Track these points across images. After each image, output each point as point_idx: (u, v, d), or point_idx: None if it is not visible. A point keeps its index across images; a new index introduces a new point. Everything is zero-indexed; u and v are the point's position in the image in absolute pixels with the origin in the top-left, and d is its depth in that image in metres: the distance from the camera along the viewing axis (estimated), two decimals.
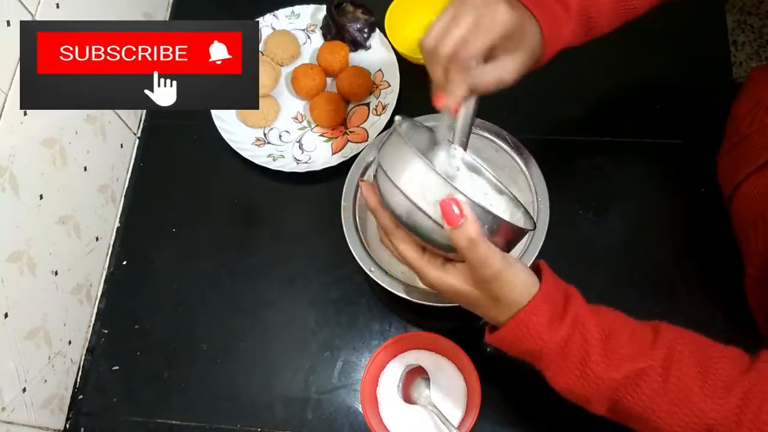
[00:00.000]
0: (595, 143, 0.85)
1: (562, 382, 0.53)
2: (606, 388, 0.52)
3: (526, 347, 0.54)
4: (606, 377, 0.51)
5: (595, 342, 0.52)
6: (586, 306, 0.54)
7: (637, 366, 0.51)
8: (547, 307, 0.53)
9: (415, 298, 0.69)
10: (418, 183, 0.53)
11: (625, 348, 0.52)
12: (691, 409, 0.50)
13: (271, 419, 0.75)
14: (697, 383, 0.50)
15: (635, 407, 0.51)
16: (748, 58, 1.70)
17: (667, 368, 0.51)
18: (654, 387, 0.51)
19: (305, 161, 0.86)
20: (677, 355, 0.51)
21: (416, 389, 0.70)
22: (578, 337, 0.52)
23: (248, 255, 0.84)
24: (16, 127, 0.67)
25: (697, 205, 0.80)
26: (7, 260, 0.67)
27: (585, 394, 0.53)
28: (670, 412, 0.50)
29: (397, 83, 0.87)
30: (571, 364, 0.52)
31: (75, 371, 0.80)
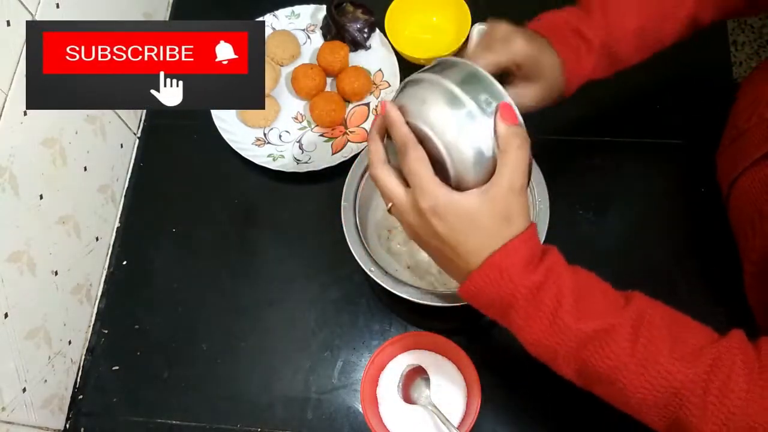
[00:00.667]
0: (595, 143, 0.85)
1: (531, 333, 0.53)
2: (575, 341, 0.51)
3: (497, 292, 0.52)
4: (575, 328, 0.51)
5: (568, 293, 0.51)
6: (564, 261, 0.54)
7: (607, 322, 0.50)
8: (525, 252, 0.52)
9: (416, 297, 0.69)
10: (464, 87, 0.52)
11: (597, 304, 0.52)
12: (659, 371, 0.49)
13: (271, 419, 0.75)
14: (666, 346, 0.50)
15: (602, 366, 0.51)
16: (748, 58, 1.70)
17: (636, 328, 0.50)
18: (623, 345, 0.50)
19: (305, 161, 0.86)
20: (648, 318, 0.51)
21: (416, 389, 0.70)
22: (552, 286, 0.51)
23: (248, 255, 0.84)
24: (16, 127, 0.67)
25: (697, 205, 0.80)
26: (7, 260, 0.67)
27: (553, 346, 0.52)
28: (636, 373, 0.50)
29: (397, 83, 0.87)
30: (542, 312, 0.51)
31: (75, 371, 0.80)
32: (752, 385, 0.48)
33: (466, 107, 0.51)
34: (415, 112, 0.53)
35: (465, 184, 0.53)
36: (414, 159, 0.52)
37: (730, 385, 0.48)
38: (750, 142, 0.69)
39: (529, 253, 0.52)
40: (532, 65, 0.61)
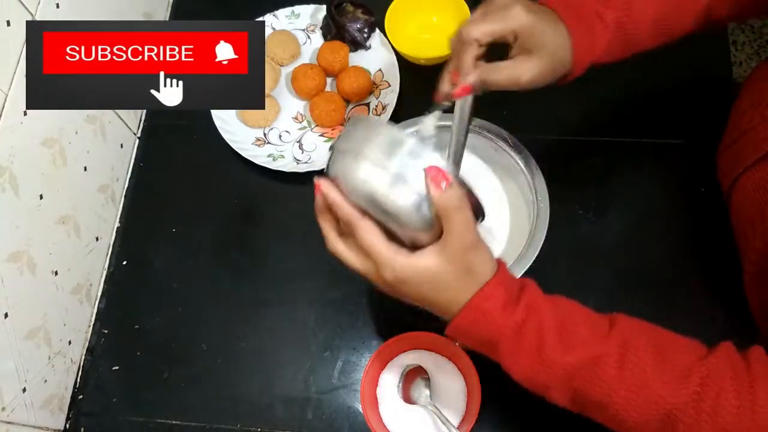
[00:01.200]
0: (595, 143, 0.85)
1: (520, 370, 0.53)
2: (563, 374, 0.51)
3: (481, 334, 0.53)
4: (562, 362, 0.51)
5: (551, 328, 0.51)
6: (542, 294, 0.54)
7: (592, 352, 0.51)
8: (502, 292, 0.52)
9: None
10: (390, 153, 0.51)
11: (580, 334, 0.52)
12: (649, 395, 0.50)
13: (271, 419, 0.75)
14: (654, 370, 0.50)
15: (593, 394, 0.51)
16: (748, 58, 1.70)
17: (623, 354, 0.50)
18: (610, 373, 0.50)
19: (305, 161, 0.86)
20: (633, 342, 0.51)
21: (416, 389, 0.70)
22: (533, 322, 0.52)
23: (248, 255, 0.84)
24: (16, 127, 0.67)
25: (697, 205, 0.80)
26: (7, 260, 0.67)
27: (543, 380, 0.53)
28: (627, 398, 0.50)
29: (397, 83, 0.87)
30: (527, 350, 0.52)
31: (75, 371, 0.80)
32: (743, 400, 0.48)
33: (396, 175, 0.50)
34: (350, 187, 0.53)
35: (420, 241, 0.53)
36: (363, 235, 0.52)
37: (720, 402, 0.48)
38: (751, 142, 0.69)
39: (506, 293, 0.52)
40: (530, 36, 0.58)
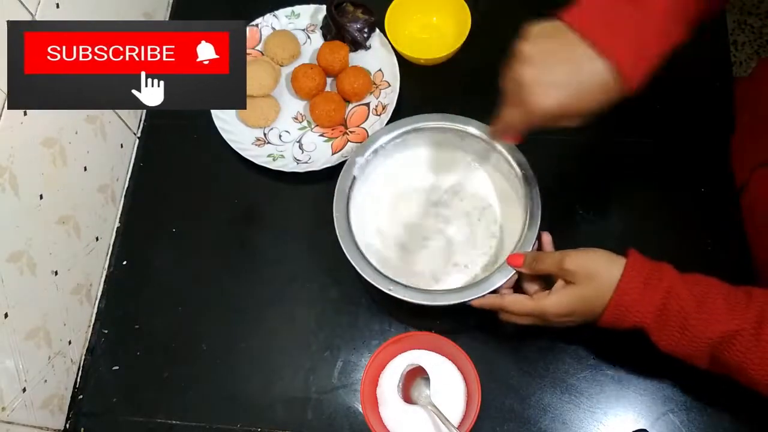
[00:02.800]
0: (595, 143, 0.85)
1: (666, 345, 0.61)
2: (705, 346, 0.58)
3: (627, 324, 0.61)
4: (704, 337, 0.58)
5: (690, 307, 0.58)
6: (679, 276, 0.60)
7: (731, 326, 0.57)
8: (637, 284, 0.59)
9: (411, 298, 0.70)
10: None
11: (719, 310, 0.58)
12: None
13: (271, 419, 0.75)
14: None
15: (731, 361, 0.57)
16: (748, 58, 1.70)
17: (758, 327, 0.56)
18: (747, 345, 0.56)
19: (305, 161, 0.86)
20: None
21: (416, 389, 0.70)
22: (674, 305, 0.58)
23: (248, 255, 0.84)
24: (16, 127, 0.67)
25: (697, 205, 0.80)
26: (7, 260, 0.67)
27: (687, 352, 0.60)
28: (762, 365, 0.56)
29: (397, 83, 0.87)
30: (671, 329, 0.59)
31: (75, 371, 0.80)
32: None
33: None
34: None
35: None
36: (513, 308, 0.66)
37: None
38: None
39: (642, 283, 0.60)
40: (564, 113, 0.59)
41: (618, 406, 0.72)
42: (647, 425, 0.71)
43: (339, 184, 0.77)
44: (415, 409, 0.70)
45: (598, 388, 0.73)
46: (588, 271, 0.62)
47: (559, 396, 0.73)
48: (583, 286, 0.62)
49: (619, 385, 0.73)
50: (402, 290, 0.70)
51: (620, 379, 0.73)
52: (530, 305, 0.65)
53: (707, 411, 0.71)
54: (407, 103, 0.87)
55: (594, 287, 0.61)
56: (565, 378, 0.73)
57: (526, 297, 0.66)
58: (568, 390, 0.73)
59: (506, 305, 0.67)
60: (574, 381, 0.73)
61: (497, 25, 0.92)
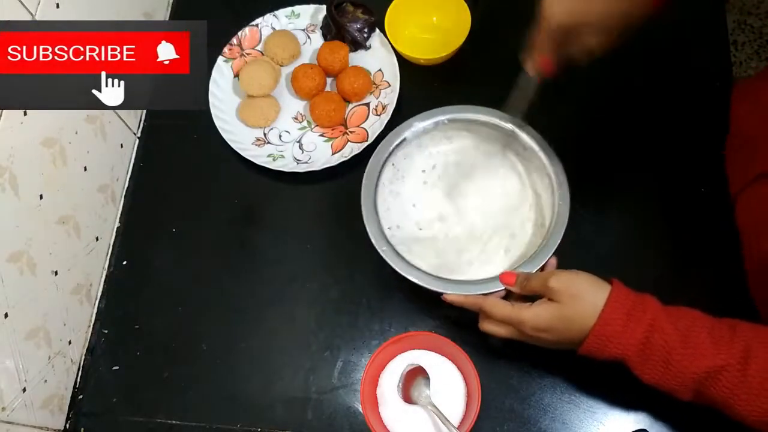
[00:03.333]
0: (594, 143, 0.85)
1: (648, 378, 0.60)
2: (689, 381, 0.57)
3: (608, 355, 0.60)
4: (688, 372, 0.57)
5: (674, 342, 0.57)
6: (662, 309, 0.59)
7: (716, 361, 0.56)
8: (620, 315, 0.59)
9: (426, 283, 0.69)
10: None
11: (703, 345, 0.56)
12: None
13: (271, 419, 0.75)
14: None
15: (717, 397, 0.56)
16: (748, 58, 1.70)
17: (744, 362, 0.55)
18: (733, 381, 0.55)
19: (305, 161, 0.86)
20: (754, 351, 0.55)
21: (416, 389, 0.70)
22: (657, 339, 0.58)
23: (248, 255, 0.84)
24: (16, 127, 0.67)
25: (697, 205, 0.80)
26: (7, 260, 0.67)
27: (671, 386, 0.59)
28: (749, 401, 0.55)
29: (397, 83, 0.87)
30: (654, 363, 0.58)
31: (75, 371, 0.80)
32: None
33: None
34: None
35: None
36: (491, 310, 0.66)
37: None
38: (760, 153, 0.69)
39: (625, 315, 0.59)
40: (577, 18, 0.61)
41: (618, 406, 0.72)
42: (647, 425, 0.71)
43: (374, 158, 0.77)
44: (415, 409, 0.70)
45: (599, 388, 0.73)
46: (572, 291, 0.61)
47: (559, 396, 0.73)
48: (564, 306, 0.61)
49: (619, 385, 0.72)
50: (405, 267, 0.70)
51: (620, 379, 0.73)
52: (508, 311, 0.64)
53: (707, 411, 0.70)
54: (407, 103, 0.87)
55: (576, 308, 0.61)
56: (565, 378, 0.73)
57: (505, 303, 0.65)
58: (568, 390, 0.73)
59: (486, 306, 0.66)
60: (574, 381, 0.73)
61: (497, 25, 0.92)
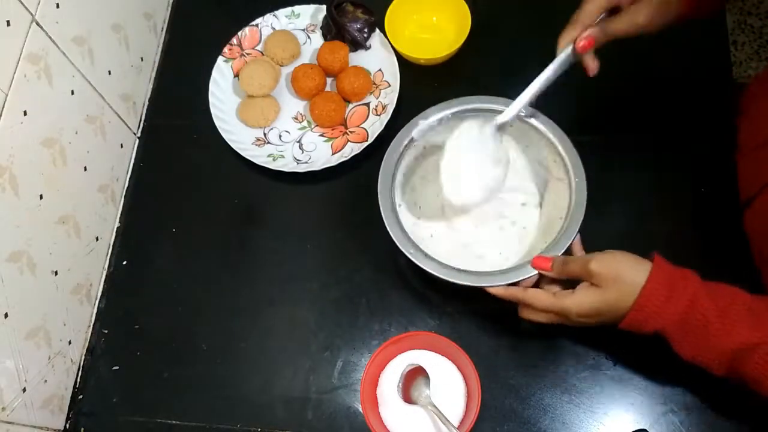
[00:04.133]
0: (594, 143, 0.85)
1: (686, 353, 0.61)
2: (724, 357, 0.58)
3: (648, 329, 0.61)
4: (724, 347, 0.58)
5: (712, 316, 0.58)
6: (703, 285, 0.60)
7: (752, 339, 0.57)
8: (661, 289, 0.59)
9: (444, 275, 0.69)
10: None
11: (741, 322, 0.57)
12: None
13: (271, 419, 0.75)
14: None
15: (749, 373, 0.57)
16: (748, 58, 1.70)
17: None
18: (766, 359, 0.56)
19: (305, 161, 0.86)
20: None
21: (416, 389, 0.70)
22: (696, 314, 0.58)
23: (248, 255, 0.84)
24: (16, 127, 0.67)
25: (697, 206, 0.80)
26: (7, 260, 0.67)
27: (705, 361, 0.60)
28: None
29: (397, 83, 0.87)
30: (691, 337, 0.59)
31: (75, 371, 0.80)
32: None
33: None
34: None
35: None
36: (533, 302, 0.66)
37: None
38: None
39: (666, 289, 0.59)
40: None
41: (618, 406, 0.72)
42: (647, 425, 0.71)
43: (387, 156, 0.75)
44: (415, 409, 0.70)
45: (598, 388, 0.73)
46: (613, 274, 0.61)
47: (559, 396, 0.73)
48: (607, 289, 0.61)
49: (619, 385, 0.73)
50: (424, 260, 0.69)
51: (620, 379, 0.73)
52: (551, 301, 0.64)
53: (707, 411, 0.71)
54: (407, 103, 0.87)
55: (618, 290, 0.61)
56: (565, 378, 0.73)
57: (547, 293, 0.66)
58: (568, 390, 0.73)
59: (528, 299, 0.66)
60: (574, 381, 0.73)
61: (497, 25, 0.92)
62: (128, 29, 0.89)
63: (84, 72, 0.79)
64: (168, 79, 0.96)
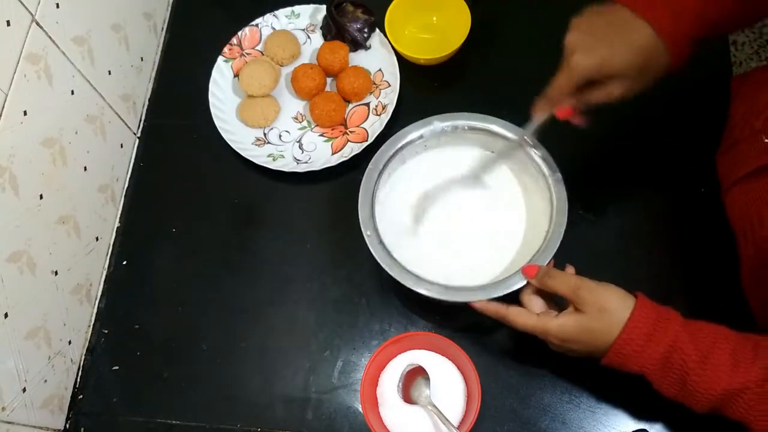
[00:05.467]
0: (594, 143, 0.85)
1: (667, 394, 0.61)
2: (705, 401, 0.58)
3: (628, 370, 0.61)
4: (706, 393, 0.57)
5: (694, 363, 0.57)
6: (685, 326, 0.59)
7: (734, 384, 0.56)
8: (641, 332, 0.59)
9: (424, 288, 0.69)
10: None
11: (723, 366, 0.56)
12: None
13: (271, 419, 0.75)
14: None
15: (734, 415, 0.57)
16: (748, 58, 1.70)
17: (763, 384, 0.55)
18: (750, 402, 0.55)
19: (305, 161, 0.86)
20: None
21: (416, 389, 0.70)
22: (676, 359, 0.58)
23: (248, 255, 0.84)
24: (16, 127, 0.67)
25: (697, 205, 0.80)
26: (7, 260, 0.67)
27: (687, 403, 0.60)
28: (766, 420, 0.55)
29: (397, 83, 0.87)
30: (672, 381, 0.59)
31: (75, 371, 0.80)
32: None
33: None
34: None
35: None
36: (515, 321, 0.66)
37: None
38: (743, 154, 0.70)
39: (646, 332, 0.59)
40: (601, 70, 0.62)
41: (618, 406, 0.72)
42: (647, 425, 0.71)
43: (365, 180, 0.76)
44: (415, 409, 0.70)
45: (598, 388, 0.73)
46: (601, 305, 0.61)
47: (559, 396, 0.73)
48: (592, 318, 0.61)
49: (619, 385, 0.73)
50: (412, 280, 0.70)
51: (620, 379, 0.73)
52: (533, 322, 0.65)
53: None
54: (407, 103, 0.87)
55: (603, 323, 0.61)
56: (565, 378, 0.73)
57: (530, 313, 0.66)
58: (568, 390, 0.73)
59: (510, 317, 0.66)
60: (574, 381, 0.73)
61: (497, 24, 0.92)
62: (128, 29, 0.89)
63: (84, 72, 0.79)
64: (168, 79, 0.96)
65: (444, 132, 0.78)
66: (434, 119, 0.77)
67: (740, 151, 0.71)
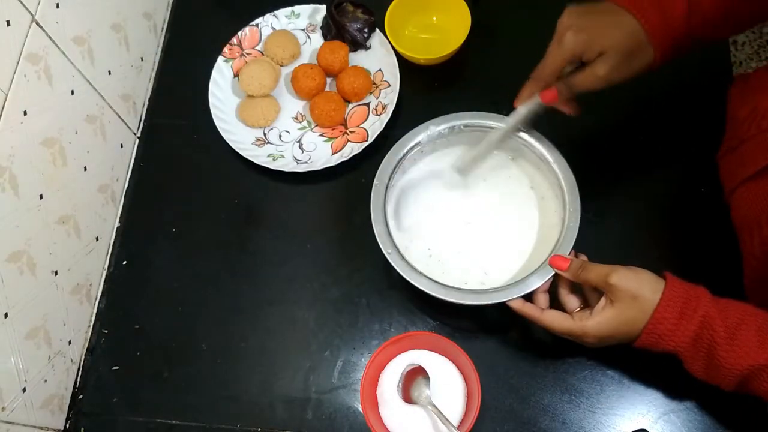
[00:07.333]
0: (594, 143, 0.85)
1: (696, 372, 0.62)
2: (732, 377, 0.59)
3: (660, 350, 0.62)
4: (732, 368, 0.59)
5: (721, 339, 0.58)
6: (714, 304, 0.60)
7: (760, 360, 0.57)
8: (672, 312, 0.60)
9: (428, 288, 0.69)
10: None
11: (750, 343, 0.58)
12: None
13: (271, 419, 0.75)
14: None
15: (759, 390, 0.58)
16: (748, 58, 1.70)
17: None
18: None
19: (305, 161, 0.86)
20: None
21: (416, 389, 0.70)
22: (706, 335, 0.59)
23: (248, 255, 0.84)
24: (16, 127, 0.67)
25: (697, 205, 0.80)
26: (7, 260, 0.67)
27: (715, 380, 0.61)
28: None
29: (397, 83, 0.87)
30: (701, 358, 0.60)
31: (75, 371, 0.80)
32: None
33: None
34: None
35: None
36: (550, 326, 0.66)
37: None
38: (750, 153, 0.70)
39: (677, 311, 0.60)
40: (591, 47, 0.64)
41: (618, 406, 0.72)
42: (647, 425, 0.71)
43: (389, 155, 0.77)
44: (415, 409, 0.70)
45: (598, 388, 0.73)
46: (633, 291, 0.61)
47: (559, 396, 0.73)
48: (625, 307, 0.62)
49: (619, 385, 0.73)
50: (434, 286, 0.70)
51: (620, 379, 0.73)
52: (569, 325, 0.65)
53: (707, 411, 0.71)
54: (407, 103, 0.87)
55: (636, 309, 0.61)
56: (565, 378, 0.73)
57: (566, 316, 0.66)
58: (568, 390, 0.73)
59: (545, 322, 0.66)
60: (574, 381, 0.73)
61: (497, 24, 0.92)
62: (128, 29, 0.89)
63: (84, 72, 0.79)
64: (168, 79, 0.96)
65: (441, 135, 0.78)
66: (429, 123, 0.78)
67: (746, 151, 0.71)
